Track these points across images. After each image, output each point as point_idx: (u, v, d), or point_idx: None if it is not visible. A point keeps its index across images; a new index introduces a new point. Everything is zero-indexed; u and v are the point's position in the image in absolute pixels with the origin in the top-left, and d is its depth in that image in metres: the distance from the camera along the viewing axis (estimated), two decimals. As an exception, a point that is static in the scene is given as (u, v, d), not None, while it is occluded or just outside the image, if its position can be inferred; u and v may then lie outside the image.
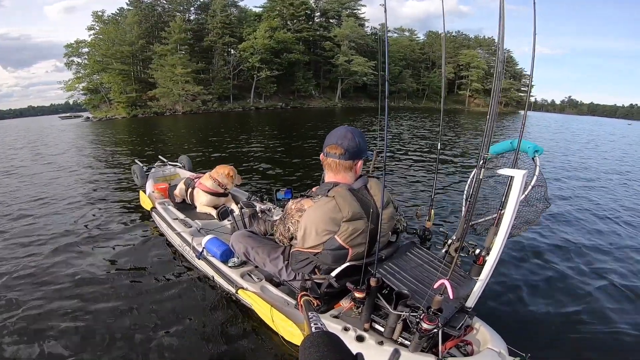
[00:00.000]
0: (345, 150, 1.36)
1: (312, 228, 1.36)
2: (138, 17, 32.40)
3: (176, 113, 29.57)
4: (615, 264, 2.65)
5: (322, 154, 1.45)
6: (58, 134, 16.80)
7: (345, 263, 1.44)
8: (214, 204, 2.83)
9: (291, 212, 1.44)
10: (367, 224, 1.34)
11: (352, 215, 1.31)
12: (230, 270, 1.92)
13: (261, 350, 1.68)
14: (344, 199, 1.31)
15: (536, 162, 1.56)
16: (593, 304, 2.10)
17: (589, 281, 2.35)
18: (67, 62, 31.97)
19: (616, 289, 2.27)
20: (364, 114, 22.02)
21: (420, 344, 1.24)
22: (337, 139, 1.37)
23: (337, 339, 0.57)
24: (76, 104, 42.71)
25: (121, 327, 1.84)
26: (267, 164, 6.38)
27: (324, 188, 1.39)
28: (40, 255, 2.69)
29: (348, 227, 1.32)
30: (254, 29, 33.26)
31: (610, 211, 4.04)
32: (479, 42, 50.21)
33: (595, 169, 7.21)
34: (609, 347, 1.75)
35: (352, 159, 1.38)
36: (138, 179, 3.69)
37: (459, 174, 5.65)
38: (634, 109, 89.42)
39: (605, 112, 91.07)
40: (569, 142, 12.73)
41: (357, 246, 1.38)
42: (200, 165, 5.62)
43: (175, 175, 3.88)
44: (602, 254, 2.81)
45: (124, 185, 4.99)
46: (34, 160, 8.01)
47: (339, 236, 1.33)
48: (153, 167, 3.93)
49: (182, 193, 3.06)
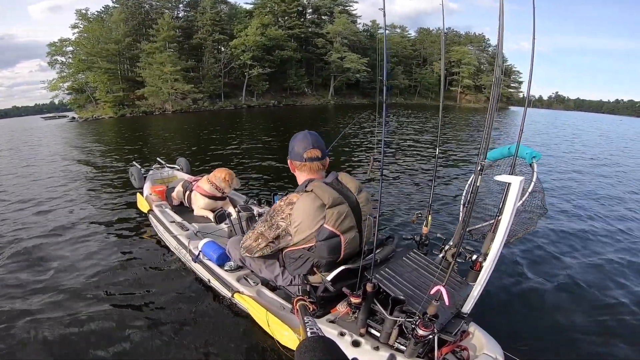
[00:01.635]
0: (322, 151, 1.54)
1: (304, 217, 1.41)
2: (124, 15, 31.52)
3: (166, 112, 28.90)
4: (613, 268, 2.65)
5: (296, 160, 1.56)
6: (42, 135, 16.13)
7: (342, 266, 1.44)
8: (211, 207, 2.82)
9: (281, 208, 1.47)
10: (349, 208, 1.45)
11: (333, 201, 1.40)
12: (226, 274, 1.91)
13: (257, 354, 1.67)
14: (322, 190, 1.42)
15: (533, 168, 1.56)
16: (590, 310, 2.10)
17: (586, 287, 2.35)
18: (50, 62, 30.98)
19: (613, 294, 2.27)
20: (358, 111, 21.94)
21: (416, 350, 1.24)
22: (312, 142, 1.53)
23: (332, 343, 0.57)
24: (62, 104, 41.31)
25: (115, 329, 1.83)
26: (262, 164, 6.34)
27: (301, 187, 1.49)
28: (33, 257, 2.68)
29: (333, 212, 1.40)
30: (245, 26, 32.76)
31: (609, 215, 3.98)
32: (470, 39, 50.68)
33: (587, 163, 7.29)
34: (605, 353, 1.76)
35: (324, 158, 1.56)
36: (135, 181, 3.66)
37: (457, 179, 5.62)
38: (620, 104, 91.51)
39: (591, 107, 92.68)
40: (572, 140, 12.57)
41: (347, 231, 1.44)
42: (194, 167, 5.54)
43: (173, 177, 3.87)
44: (602, 259, 2.80)
45: (120, 187, 4.92)
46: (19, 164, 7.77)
47: (327, 223, 1.40)
48: (151, 169, 3.91)
49: (179, 196, 3.05)
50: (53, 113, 48.86)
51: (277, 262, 1.65)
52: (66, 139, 13.44)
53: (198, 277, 2.23)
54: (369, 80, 38.76)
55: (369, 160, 1.62)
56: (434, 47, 48.54)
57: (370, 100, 39.35)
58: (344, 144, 8.51)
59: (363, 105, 32.85)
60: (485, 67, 48.54)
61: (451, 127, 15.00)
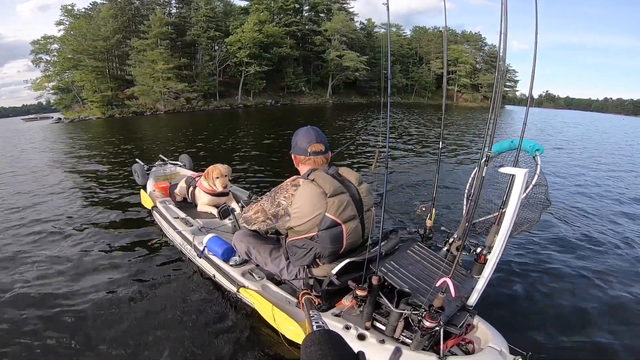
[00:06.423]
0: (325, 145, 1.59)
1: (305, 202, 1.43)
2: (113, 11, 30.39)
3: (158, 112, 27.81)
4: (620, 263, 2.64)
5: (300, 155, 1.59)
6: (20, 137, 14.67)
7: (347, 259, 1.45)
8: (214, 203, 2.82)
9: (286, 186, 1.51)
10: (349, 198, 1.49)
11: (334, 190, 1.44)
12: (231, 269, 1.92)
13: (262, 348, 1.68)
14: (323, 179, 1.46)
15: (537, 161, 1.58)
16: (595, 303, 2.10)
17: (592, 280, 2.36)
18: (34, 60, 29.54)
19: (619, 289, 2.27)
20: (359, 110, 21.84)
21: (422, 343, 1.25)
22: (315, 137, 1.57)
23: (338, 337, 0.56)
24: (49, 105, 39.58)
25: (120, 325, 1.83)
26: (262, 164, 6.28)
27: (305, 176, 1.52)
28: (36, 254, 2.68)
29: (334, 201, 1.43)
30: (241, 23, 32.12)
31: (617, 209, 3.97)
32: (466, 38, 50.91)
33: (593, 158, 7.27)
34: (609, 346, 1.76)
35: (327, 152, 1.61)
36: (139, 178, 3.65)
37: (461, 172, 5.65)
38: (609, 102, 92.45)
39: (580, 105, 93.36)
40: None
41: (349, 221, 1.47)
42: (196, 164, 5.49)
43: (176, 174, 3.88)
44: (605, 253, 2.80)
45: (123, 184, 4.89)
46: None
47: (329, 212, 1.42)
48: (154, 166, 3.91)
49: (182, 192, 3.06)
50: (34, 114, 46.48)
51: (282, 256, 1.66)
52: (47, 144, 11.81)
53: (203, 273, 2.24)
54: (367, 79, 38.68)
55: (369, 159, 1.63)
56: (431, 46, 48.70)
57: (368, 99, 39.37)
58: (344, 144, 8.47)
59: (362, 105, 32.56)
60: (481, 66, 48.89)
61: (451, 124, 15.12)
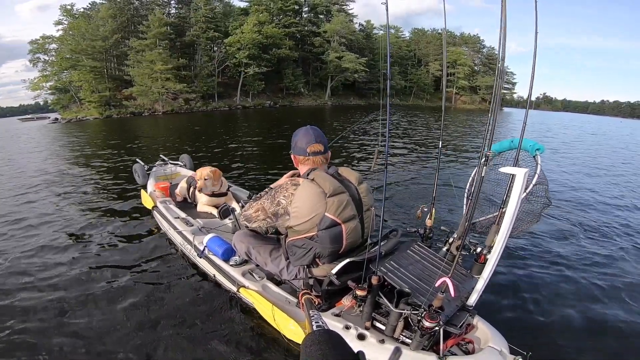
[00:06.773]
0: (324, 145, 1.58)
1: (305, 202, 1.43)
2: (112, 11, 30.25)
3: (156, 113, 27.60)
4: (620, 264, 2.64)
5: (299, 155, 1.58)
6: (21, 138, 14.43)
7: (347, 259, 1.45)
8: (214, 204, 2.83)
9: (286, 185, 1.50)
10: (349, 197, 1.48)
11: (334, 190, 1.44)
12: (231, 269, 1.92)
13: (262, 348, 1.67)
14: (323, 179, 1.46)
15: (537, 161, 1.58)
16: (594, 303, 2.11)
17: (591, 280, 2.36)
18: (31, 59, 29.40)
19: (619, 288, 2.28)
20: (357, 113, 21.81)
21: (422, 342, 1.25)
22: (315, 137, 1.56)
23: (338, 337, 0.56)
24: (46, 105, 39.13)
25: (120, 325, 1.83)
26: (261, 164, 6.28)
27: (304, 175, 1.52)
28: (38, 254, 2.68)
29: (334, 201, 1.43)
30: (241, 24, 32.11)
31: (618, 209, 3.96)
32: (465, 40, 51.18)
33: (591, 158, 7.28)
34: (609, 345, 1.76)
35: (326, 152, 1.60)
36: (139, 178, 3.65)
37: (461, 172, 5.67)
38: (605, 104, 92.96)
39: (577, 107, 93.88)
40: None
41: (348, 221, 1.47)
42: (197, 166, 5.49)
43: (177, 174, 3.88)
44: (605, 254, 2.79)
45: (123, 184, 4.86)
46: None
47: (328, 212, 1.42)
48: (154, 166, 3.91)
49: (183, 192, 3.06)
50: (31, 114, 45.98)
51: (282, 256, 1.66)
52: (48, 145, 11.46)
53: (203, 272, 2.24)
54: (366, 80, 38.76)
55: (369, 160, 1.64)
56: (429, 48, 48.89)
57: (366, 101, 39.45)
58: (345, 144, 8.49)
59: (360, 107, 32.62)
60: (480, 69, 49.14)
61: (451, 124, 15.15)
